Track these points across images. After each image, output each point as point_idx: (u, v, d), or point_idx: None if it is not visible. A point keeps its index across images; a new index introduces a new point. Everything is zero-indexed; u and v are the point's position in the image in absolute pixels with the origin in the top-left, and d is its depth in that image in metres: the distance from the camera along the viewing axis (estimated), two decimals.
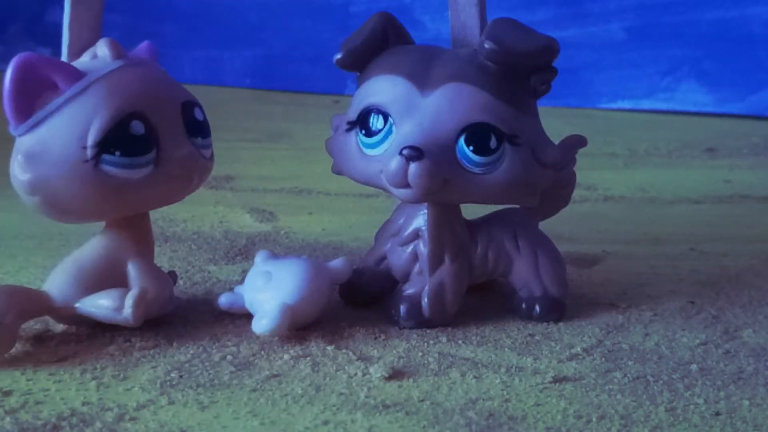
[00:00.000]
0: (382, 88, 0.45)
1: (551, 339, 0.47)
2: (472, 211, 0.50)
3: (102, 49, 0.44)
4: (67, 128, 0.42)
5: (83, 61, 0.44)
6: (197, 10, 1.53)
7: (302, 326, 0.46)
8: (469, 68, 0.44)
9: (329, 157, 0.50)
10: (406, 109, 0.44)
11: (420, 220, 0.48)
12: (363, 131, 0.46)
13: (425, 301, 0.47)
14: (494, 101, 0.43)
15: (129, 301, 0.43)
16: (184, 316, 0.48)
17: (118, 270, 0.45)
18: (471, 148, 0.44)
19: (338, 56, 0.47)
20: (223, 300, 0.48)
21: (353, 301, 0.51)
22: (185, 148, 0.44)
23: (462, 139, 0.44)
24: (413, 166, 0.43)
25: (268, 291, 0.46)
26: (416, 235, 0.48)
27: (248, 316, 0.46)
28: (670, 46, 1.31)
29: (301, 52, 1.47)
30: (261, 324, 0.44)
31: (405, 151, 0.43)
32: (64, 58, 0.46)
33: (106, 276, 0.45)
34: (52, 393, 0.39)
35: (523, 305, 0.49)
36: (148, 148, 0.43)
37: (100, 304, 0.44)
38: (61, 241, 0.62)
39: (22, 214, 0.68)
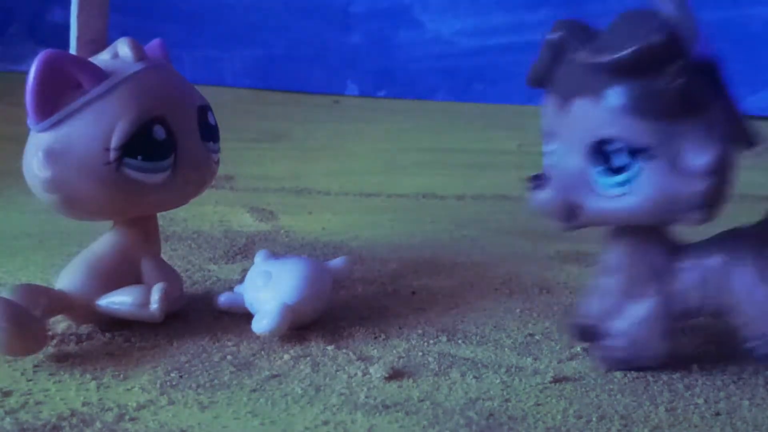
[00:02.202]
0: (546, 108, 0.42)
1: (551, 339, 0.47)
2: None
3: (123, 48, 0.44)
4: (91, 129, 0.42)
5: (104, 59, 0.44)
6: (197, 10, 1.53)
7: (302, 326, 0.46)
8: (587, 78, 0.39)
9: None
10: (554, 129, 0.41)
11: (613, 250, 0.43)
12: None
13: (622, 338, 0.42)
14: (613, 114, 0.38)
15: (155, 296, 0.43)
16: (184, 316, 0.48)
17: (130, 266, 0.46)
18: (599, 169, 0.39)
19: (528, 75, 0.43)
20: (223, 299, 0.49)
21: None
22: (200, 153, 0.45)
23: (590, 160, 0.39)
24: (536, 196, 0.41)
25: (268, 291, 0.46)
26: (610, 268, 0.43)
27: (248, 316, 0.46)
28: None
29: (301, 52, 1.47)
30: (261, 324, 0.44)
31: (529, 182, 0.41)
32: (72, 47, 0.46)
33: (120, 272, 0.45)
34: (52, 393, 0.39)
35: (751, 342, 0.41)
36: (168, 152, 0.44)
37: (123, 301, 0.44)
38: (61, 240, 0.62)
39: (22, 213, 0.68)
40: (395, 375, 0.42)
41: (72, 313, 0.45)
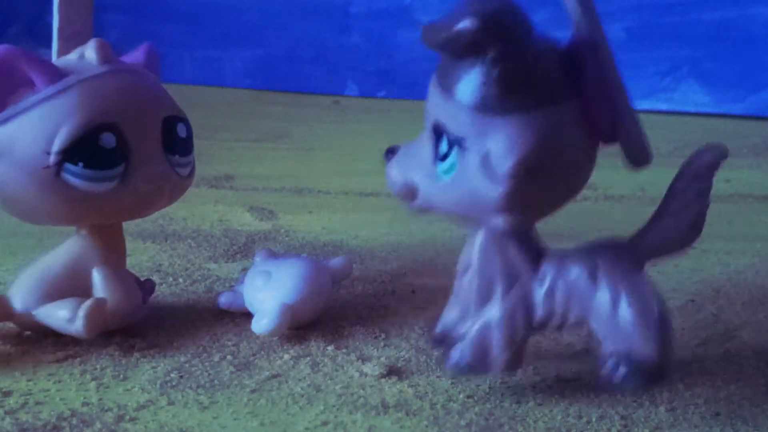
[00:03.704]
0: None
1: (551, 338, 0.47)
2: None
3: (89, 51, 0.43)
4: (34, 130, 0.40)
5: (70, 59, 0.43)
6: (197, 10, 1.53)
7: (302, 326, 0.46)
8: (438, 57, 0.37)
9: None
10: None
11: (472, 247, 0.40)
12: None
13: (468, 342, 0.39)
14: (444, 97, 0.36)
15: (81, 312, 0.41)
16: (184, 316, 0.48)
17: (82, 278, 0.44)
18: (434, 152, 0.37)
19: None
20: (223, 299, 0.49)
21: None
22: (157, 165, 0.43)
23: (432, 141, 0.37)
24: (388, 172, 0.39)
25: (268, 290, 0.46)
26: (466, 266, 0.40)
27: (248, 316, 0.46)
28: (670, 46, 1.31)
29: (301, 52, 1.47)
30: (261, 324, 0.44)
31: (384, 155, 0.39)
32: (54, 41, 0.45)
33: (69, 284, 0.43)
34: (52, 393, 0.39)
35: (608, 362, 0.38)
36: (116, 162, 0.41)
37: (54, 314, 0.42)
38: (61, 238, 0.62)
39: None
40: (395, 375, 0.42)
41: (14, 321, 0.44)
